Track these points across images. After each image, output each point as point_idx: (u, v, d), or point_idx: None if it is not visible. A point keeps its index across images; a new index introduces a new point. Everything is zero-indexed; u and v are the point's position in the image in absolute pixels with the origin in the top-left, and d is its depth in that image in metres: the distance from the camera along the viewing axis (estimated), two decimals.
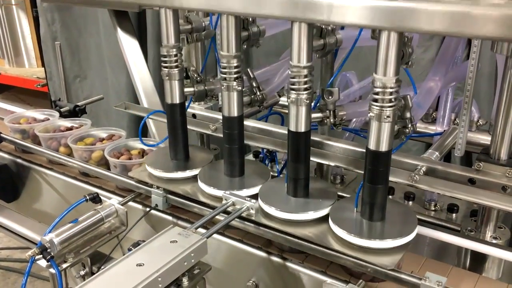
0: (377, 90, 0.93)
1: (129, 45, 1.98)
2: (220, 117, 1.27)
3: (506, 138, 1.08)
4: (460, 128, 1.14)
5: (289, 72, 1.04)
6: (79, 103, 1.97)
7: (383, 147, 0.98)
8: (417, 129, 1.48)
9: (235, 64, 1.15)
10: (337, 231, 1.04)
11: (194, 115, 1.48)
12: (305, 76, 1.03)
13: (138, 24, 2.81)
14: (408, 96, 1.04)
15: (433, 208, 1.44)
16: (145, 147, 1.57)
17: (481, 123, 1.40)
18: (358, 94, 1.60)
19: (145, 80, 1.97)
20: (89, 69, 3.31)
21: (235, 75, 1.16)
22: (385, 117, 0.94)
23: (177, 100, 1.30)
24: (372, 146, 0.98)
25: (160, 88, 1.87)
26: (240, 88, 1.18)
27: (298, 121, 1.07)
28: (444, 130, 1.37)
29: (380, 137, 0.97)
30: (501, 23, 0.74)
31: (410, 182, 1.08)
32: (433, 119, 1.47)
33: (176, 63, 1.26)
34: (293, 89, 1.04)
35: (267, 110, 1.60)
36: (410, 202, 1.48)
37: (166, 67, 1.27)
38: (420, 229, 1.10)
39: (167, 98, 1.31)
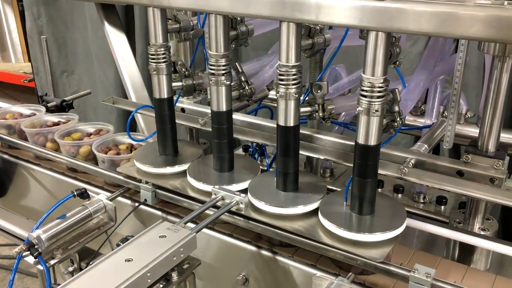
0: (365, 88, 0.93)
1: (117, 39, 1.96)
2: (209, 111, 1.27)
3: (494, 131, 1.09)
4: (449, 121, 1.15)
5: (278, 71, 1.04)
6: (66, 98, 1.96)
7: (372, 141, 0.98)
8: (406, 122, 1.49)
9: (223, 63, 1.15)
10: (326, 225, 1.04)
11: (183, 109, 1.47)
12: (294, 74, 1.03)
13: (126, 19, 2.78)
14: (396, 90, 1.05)
15: (422, 201, 1.45)
16: (134, 142, 1.56)
17: (469, 115, 1.40)
18: (347, 87, 1.60)
19: (133, 74, 1.95)
20: (76, 64, 3.27)
21: (224, 71, 1.15)
22: (374, 111, 0.94)
23: (165, 95, 1.29)
24: (361, 140, 0.98)
25: (148, 82, 1.86)
26: (228, 82, 1.17)
27: (287, 116, 1.07)
28: (433, 123, 1.37)
29: (368, 131, 0.97)
30: (488, 24, 0.75)
31: (399, 175, 1.08)
32: (422, 112, 1.48)
33: (164, 58, 1.25)
34: (281, 84, 1.03)
35: (257, 104, 1.60)
36: (400, 195, 1.48)
37: (153, 62, 1.26)
38: (409, 222, 1.10)
39: (155, 93, 1.30)
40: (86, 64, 3.18)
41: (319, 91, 1.16)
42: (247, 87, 1.35)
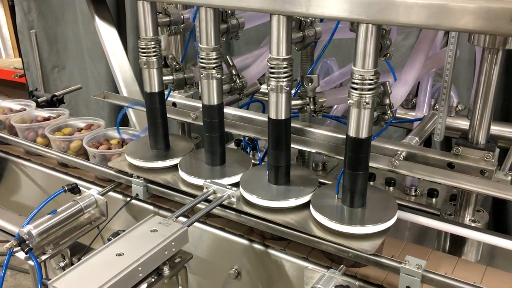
0: (356, 81, 0.93)
1: (108, 34, 1.95)
2: (201, 105, 1.26)
3: (484, 123, 1.09)
4: (440, 114, 1.15)
5: (268, 64, 1.03)
6: (56, 93, 1.94)
7: (363, 134, 0.98)
8: (397, 115, 1.49)
9: (214, 57, 1.14)
10: (318, 217, 1.04)
11: (174, 104, 1.46)
12: (285, 67, 1.02)
13: (117, 14, 2.76)
14: (387, 82, 1.05)
15: (414, 193, 1.46)
16: (125, 137, 1.55)
17: (460, 108, 1.41)
18: (339, 81, 1.60)
19: (124, 69, 1.95)
20: (67, 59, 3.25)
21: (214, 64, 1.15)
22: (364, 103, 0.94)
23: (155, 89, 1.29)
24: (352, 133, 0.98)
25: (140, 77, 1.85)
26: (219, 76, 1.17)
27: (278, 109, 1.07)
28: (424, 116, 1.37)
29: (359, 124, 0.97)
30: (478, 16, 0.75)
31: (391, 168, 1.08)
32: (413, 105, 1.48)
33: (154, 52, 1.25)
34: (272, 77, 1.03)
35: (248, 97, 1.60)
36: (391, 188, 1.49)
37: (144, 55, 1.25)
38: (400, 214, 1.11)
39: (145, 87, 1.29)
40: (77, 59, 3.16)
41: (310, 84, 1.16)
42: (238, 81, 1.34)
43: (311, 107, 1.20)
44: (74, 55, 3.19)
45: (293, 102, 1.16)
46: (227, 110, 1.32)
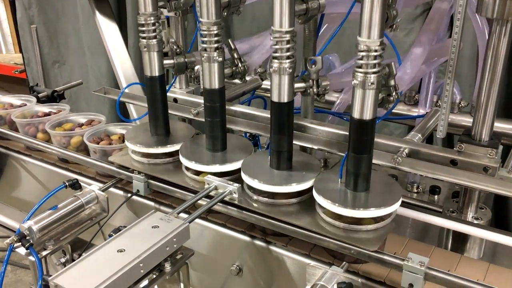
0: (361, 54, 0.91)
1: (108, 29, 1.94)
2: (202, 101, 1.25)
3: (488, 119, 1.08)
4: (442, 110, 1.14)
5: (271, 39, 1.01)
6: (57, 88, 1.93)
7: (368, 116, 0.96)
8: (400, 112, 1.49)
9: (215, 32, 1.12)
10: (321, 201, 1.03)
11: (175, 100, 1.46)
12: (288, 42, 1.00)
13: (118, 10, 2.75)
14: (392, 63, 1.02)
15: (416, 190, 1.45)
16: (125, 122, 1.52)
17: (462, 105, 1.40)
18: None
19: (125, 64, 1.94)
20: (68, 55, 3.24)
21: (216, 45, 1.13)
22: (369, 83, 0.92)
23: (156, 73, 1.27)
24: (356, 114, 0.97)
25: (140, 73, 1.84)
26: (221, 59, 1.15)
27: (281, 91, 1.05)
28: (427, 112, 1.37)
29: (364, 105, 0.95)
30: None
31: (393, 164, 1.07)
32: (416, 101, 1.48)
33: (154, 33, 1.22)
34: (275, 58, 1.02)
35: (250, 94, 1.59)
36: None
37: (144, 37, 1.22)
38: (403, 211, 1.10)
39: (146, 71, 1.26)
40: (78, 54, 3.15)
41: (313, 66, 1.13)
42: (240, 65, 1.31)
43: (314, 89, 1.16)
44: (74, 50, 3.18)
45: (296, 85, 1.13)
46: (229, 106, 1.32)
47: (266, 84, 1.62)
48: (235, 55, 1.30)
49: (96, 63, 3.00)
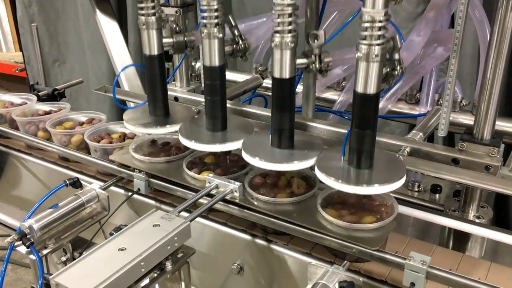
0: (365, 25, 0.89)
1: (109, 28, 1.94)
2: (203, 99, 1.25)
3: (489, 118, 1.08)
4: (444, 109, 1.14)
5: (273, 12, 1.00)
6: (57, 87, 1.93)
7: (371, 90, 0.94)
8: (401, 110, 1.49)
9: (215, 7, 1.10)
10: (323, 179, 1.01)
11: (176, 98, 1.45)
12: (290, 16, 0.99)
13: (118, 9, 2.75)
14: (396, 36, 1.00)
15: (417, 189, 1.45)
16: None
17: (464, 103, 1.40)
18: (342, 75, 1.60)
19: (126, 63, 1.94)
20: (68, 53, 3.24)
21: (216, 20, 1.11)
22: (374, 56, 0.90)
23: (155, 51, 1.25)
24: (359, 89, 0.95)
25: (141, 71, 1.84)
26: (221, 35, 1.13)
27: (283, 67, 1.03)
28: (428, 111, 1.37)
29: (368, 79, 0.93)
30: None
31: None
32: (417, 100, 1.47)
33: (153, 10, 1.21)
34: (277, 31, 1.00)
35: (251, 92, 1.59)
36: None
37: (143, 14, 1.21)
38: (404, 209, 1.10)
39: (144, 49, 1.25)
40: (78, 53, 3.15)
41: (316, 40, 1.10)
42: (240, 42, 1.30)
43: (317, 65, 1.14)
44: (75, 49, 3.18)
45: (298, 61, 1.11)
46: (230, 105, 1.31)
47: (267, 82, 1.62)
48: (236, 32, 1.28)
49: (96, 62, 3.00)
